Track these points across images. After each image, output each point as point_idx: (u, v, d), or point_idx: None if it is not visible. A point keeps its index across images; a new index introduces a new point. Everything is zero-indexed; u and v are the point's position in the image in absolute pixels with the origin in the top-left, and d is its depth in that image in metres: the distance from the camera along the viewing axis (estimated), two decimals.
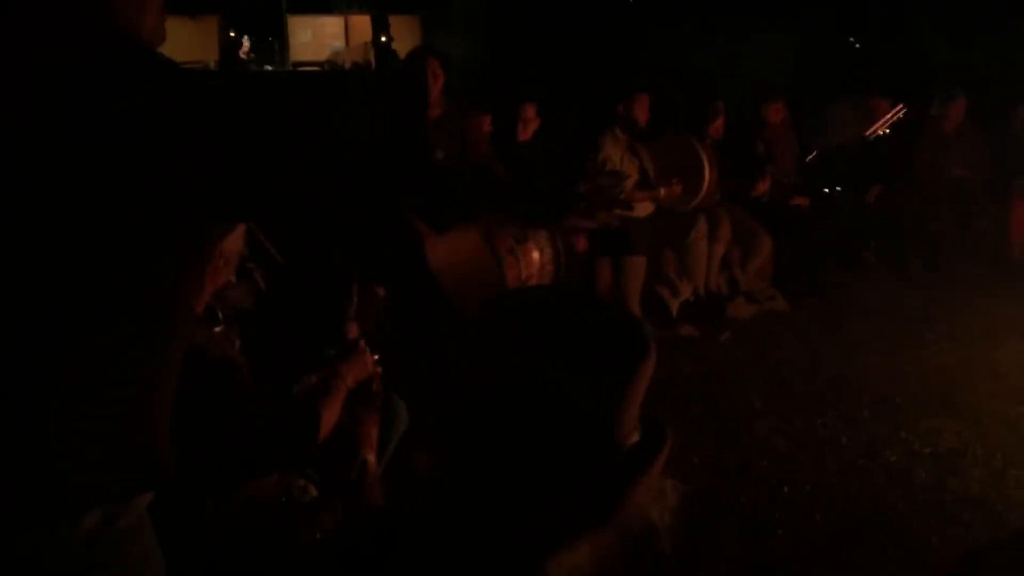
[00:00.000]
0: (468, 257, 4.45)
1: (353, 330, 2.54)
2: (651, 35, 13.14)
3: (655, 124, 5.66)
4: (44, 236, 1.11)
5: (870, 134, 6.09)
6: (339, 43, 26.01)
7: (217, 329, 2.05)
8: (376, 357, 2.47)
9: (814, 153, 6.59)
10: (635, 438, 0.98)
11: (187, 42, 24.35)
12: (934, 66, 8.26)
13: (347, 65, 22.02)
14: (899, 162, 6.70)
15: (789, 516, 3.34)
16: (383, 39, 22.07)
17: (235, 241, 2.01)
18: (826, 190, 6.57)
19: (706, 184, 5.39)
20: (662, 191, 5.39)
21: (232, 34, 25.24)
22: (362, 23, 24.73)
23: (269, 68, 23.93)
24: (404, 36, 22.79)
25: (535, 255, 4.53)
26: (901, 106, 5.54)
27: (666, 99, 5.99)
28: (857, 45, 16.43)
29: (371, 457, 2.62)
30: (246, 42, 18.28)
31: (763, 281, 5.97)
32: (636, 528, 1.04)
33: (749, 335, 5.35)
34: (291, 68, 23.99)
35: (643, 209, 5.33)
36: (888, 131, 6.50)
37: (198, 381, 1.92)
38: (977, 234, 6.89)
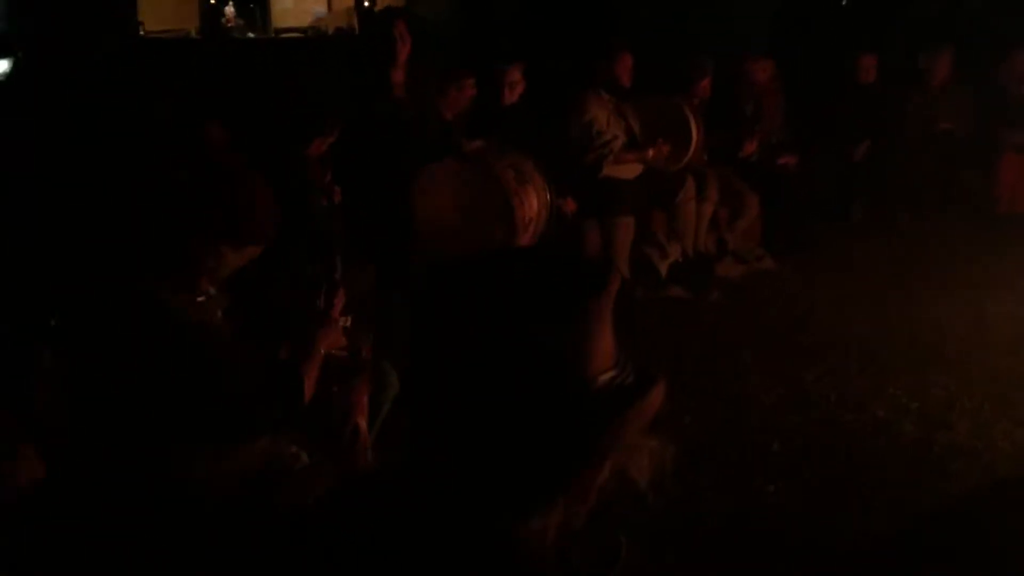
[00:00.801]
0: (477, 191, 4.44)
1: (336, 298, 2.54)
2: None
3: (639, 83, 5.62)
4: None
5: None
6: (321, 8, 25.66)
7: (200, 299, 2.05)
8: (347, 324, 2.49)
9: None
10: (611, 376, 0.95)
11: (168, 10, 24.04)
12: (920, 21, 8.19)
13: (330, 31, 21.75)
14: (886, 117, 6.68)
15: (780, 472, 3.38)
16: (366, 3, 21.83)
17: (239, 261, 2.05)
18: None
19: (693, 146, 5.36)
20: (650, 152, 5.36)
21: (213, 1, 24.92)
22: None
23: (252, 36, 23.66)
24: (388, 1, 22.56)
25: (534, 201, 4.53)
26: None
27: (649, 56, 5.94)
28: (843, 2, 16.27)
29: (362, 422, 2.63)
30: (230, 9, 18.00)
31: (751, 241, 5.97)
32: (613, 487, 1.03)
33: (738, 295, 5.36)
34: (273, 35, 23.72)
35: (631, 170, 5.30)
36: None
37: (181, 349, 1.94)
38: (963, 188, 6.91)
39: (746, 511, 3.19)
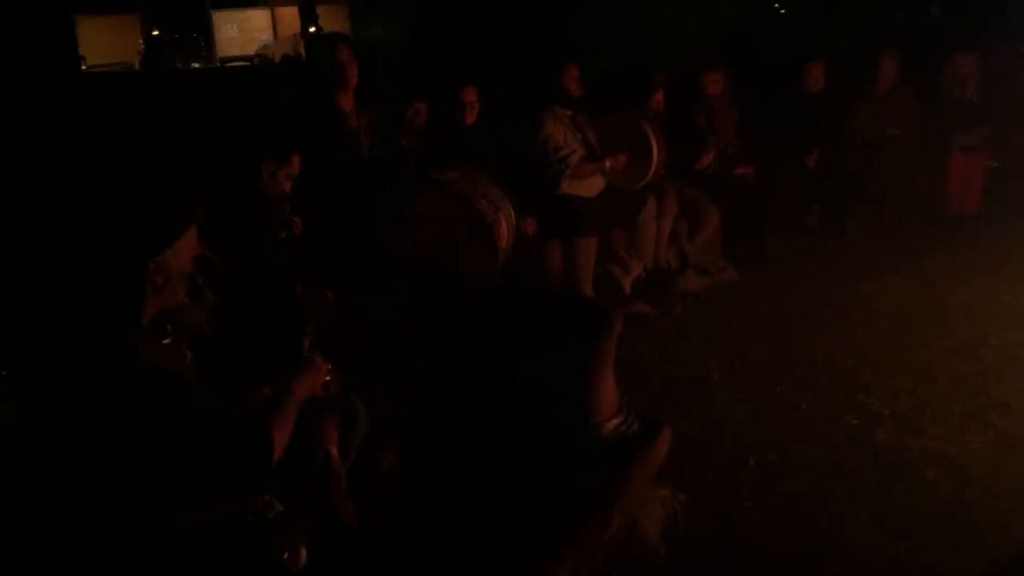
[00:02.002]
0: (456, 222, 4.41)
1: (305, 343, 2.47)
2: (582, 10, 13.09)
3: (592, 96, 5.61)
4: None
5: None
6: (267, 36, 25.59)
7: (165, 341, 1.95)
8: (329, 366, 2.40)
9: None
10: (616, 423, 0.92)
11: (108, 43, 23.75)
12: (863, 29, 8.35)
13: (277, 58, 21.68)
14: (836, 124, 6.76)
15: (757, 488, 3.34)
16: (312, 29, 21.76)
17: (179, 258, 1.92)
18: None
19: (655, 163, 5.36)
20: (607, 163, 5.34)
21: (155, 33, 24.68)
22: (289, 14, 24.36)
23: (196, 66, 23.45)
24: (334, 25, 22.49)
25: (505, 225, 4.51)
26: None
27: (600, 69, 5.95)
28: (782, 11, 16.59)
29: (333, 450, 2.55)
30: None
31: (712, 253, 5.98)
32: (622, 540, 0.99)
33: (702, 308, 5.36)
34: (219, 64, 23.54)
35: (592, 188, 5.28)
36: None
37: (148, 398, 1.84)
38: (914, 191, 7.01)
39: (725, 530, 3.15)
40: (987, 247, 6.14)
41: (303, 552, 2.01)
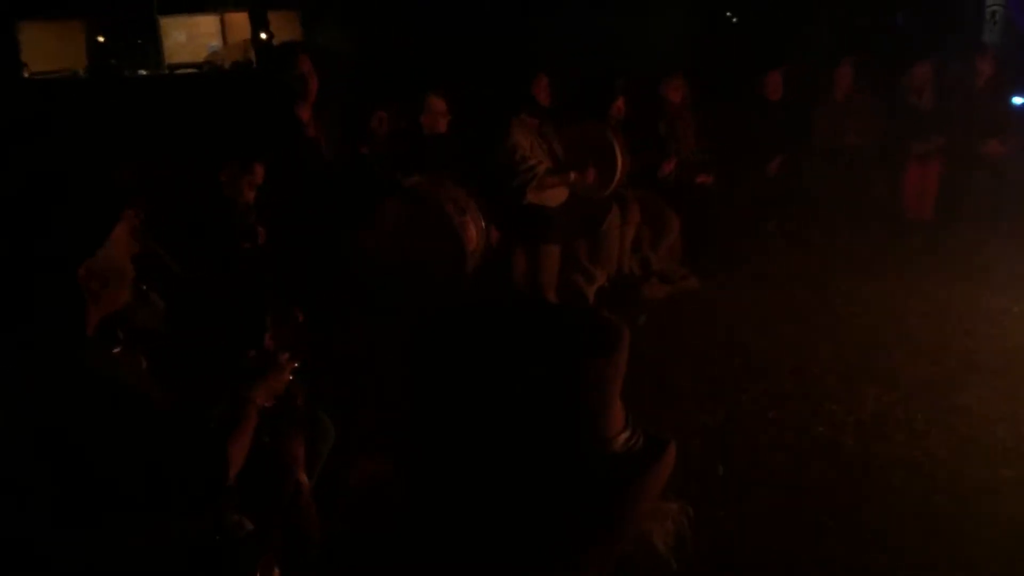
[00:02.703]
0: (424, 228, 4.36)
1: (268, 341, 2.37)
2: (541, 16, 13.12)
3: (558, 104, 5.60)
4: None
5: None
6: (216, 42, 25.29)
7: (116, 350, 1.86)
8: (294, 364, 2.30)
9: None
10: (625, 438, 0.90)
11: (52, 50, 23.27)
12: (820, 37, 8.45)
13: (227, 65, 21.41)
14: (795, 132, 6.82)
15: (727, 497, 3.32)
16: (263, 36, 21.54)
17: (114, 260, 1.82)
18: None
19: (619, 172, 5.35)
20: (572, 175, 5.32)
21: (101, 39, 24.23)
22: (239, 20, 24.09)
23: (143, 72, 23.07)
24: (285, 32, 22.29)
25: (472, 229, 4.47)
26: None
27: (564, 78, 5.94)
28: (734, 20, 16.79)
29: (302, 476, 2.48)
30: None
31: (674, 260, 5.99)
32: (635, 552, 0.97)
33: (665, 316, 5.34)
34: (167, 71, 23.20)
35: (557, 197, 5.25)
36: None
37: (100, 409, 1.74)
38: (872, 197, 7.09)
39: (696, 539, 3.12)
40: (943, 253, 6.23)
41: (276, 572, 1.94)
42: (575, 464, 0.87)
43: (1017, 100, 6.91)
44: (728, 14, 17.07)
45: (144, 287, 2.06)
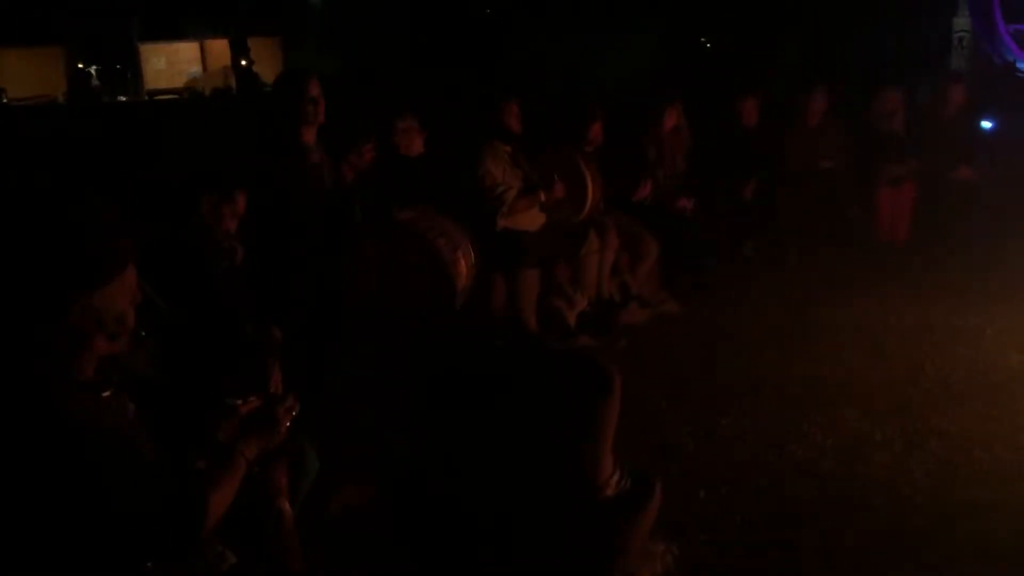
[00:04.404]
0: (415, 262, 4.38)
1: (275, 380, 2.37)
2: (512, 43, 13.23)
3: (530, 130, 5.64)
4: None
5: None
6: (196, 69, 25.26)
7: (105, 394, 1.85)
8: (291, 417, 2.29)
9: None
10: (616, 481, 0.92)
11: (31, 76, 23.19)
12: (793, 63, 8.57)
13: (207, 91, 21.39)
14: (770, 157, 6.90)
15: (708, 521, 3.33)
16: (243, 63, 21.54)
17: (113, 303, 1.82)
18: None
19: (590, 198, 5.40)
20: (541, 195, 5.36)
21: (80, 65, 24.17)
22: (219, 47, 24.10)
23: (123, 99, 23.01)
24: (265, 59, 22.30)
25: (463, 264, 4.49)
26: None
27: (537, 104, 5.99)
28: (708, 45, 16.98)
29: (285, 506, 2.47)
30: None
31: (653, 284, 6.02)
32: None
33: (645, 340, 5.37)
34: (146, 97, 23.15)
35: (534, 221, 5.29)
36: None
37: (86, 454, 1.73)
38: (846, 221, 7.18)
39: (677, 563, 3.13)
40: (918, 275, 6.32)
41: None
42: (569, 514, 0.89)
43: (985, 124, 7.04)
44: (703, 39, 17.28)
45: (143, 333, 2.06)
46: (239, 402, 2.27)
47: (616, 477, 0.85)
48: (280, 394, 2.34)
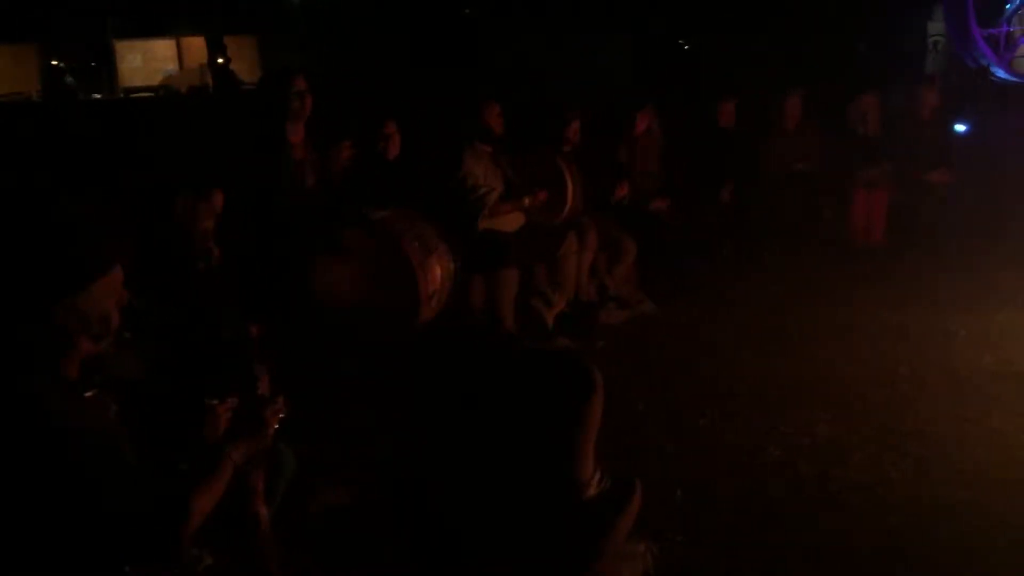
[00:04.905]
0: (383, 263, 4.36)
1: (263, 382, 2.35)
2: (492, 44, 13.23)
3: (511, 132, 5.64)
4: None
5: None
6: (172, 66, 25.09)
7: (88, 395, 1.84)
8: (278, 420, 2.27)
9: None
10: (596, 481, 0.93)
11: (5, 73, 22.93)
12: (770, 66, 8.63)
13: (183, 90, 21.23)
14: (747, 159, 6.94)
15: (686, 522, 3.34)
16: (220, 60, 21.42)
17: (98, 304, 1.80)
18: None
19: (570, 200, 5.41)
20: (525, 200, 5.38)
21: (54, 63, 23.93)
22: (196, 45, 23.94)
23: (97, 96, 22.82)
24: (242, 57, 22.18)
25: (438, 271, 4.47)
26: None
27: (517, 105, 5.99)
28: (686, 47, 17.07)
29: (261, 508, 2.46)
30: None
31: (631, 285, 6.04)
32: None
33: (623, 341, 5.39)
34: (122, 95, 22.96)
35: (512, 223, 5.29)
36: None
37: (69, 453, 1.71)
38: (822, 223, 7.24)
39: (656, 564, 3.14)
40: (893, 278, 6.37)
41: None
42: (552, 514, 0.89)
43: (959, 127, 7.12)
44: (680, 41, 17.36)
45: (128, 335, 2.04)
46: (215, 402, 2.25)
47: (597, 477, 0.86)
48: (267, 396, 2.32)
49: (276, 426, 2.24)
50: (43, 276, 1.75)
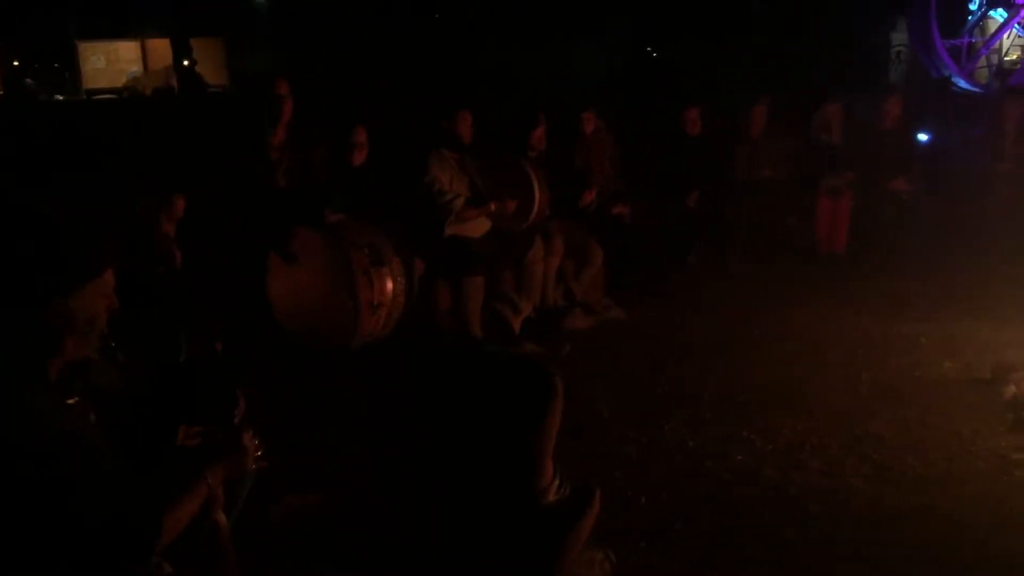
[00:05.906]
0: (328, 268, 4.32)
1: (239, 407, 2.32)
2: (464, 50, 13.23)
3: (480, 138, 5.63)
4: None
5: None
6: (136, 68, 24.81)
7: (71, 401, 1.82)
8: (258, 451, 2.25)
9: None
10: (555, 487, 0.92)
11: None
12: (736, 75, 8.71)
13: (148, 92, 20.98)
14: (713, 166, 6.99)
15: (649, 527, 3.34)
16: (186, 62, 21.23)
17: (88, 306, 1.78)
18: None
19: (537, 204, 5.41)
20: (492, 206, 5.37)
21: (16, 63, 23.59)
22: (161, 47, 23.68)
23: (60, 98, 22.51)
24: (208, 59, 21.98)
25: (389, 284, 4.44)
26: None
27: (487, 112, 5.99)
28: (654, 54, 17.20)
29: (220, 517, 2.42)
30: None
31: (597, 291, 6.05)
32: None
33: (589, 346, 5.40)
34: (85, 97, 22.67)
35: (479, 228, 5.28)
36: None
37: (43, 456, 1.68)
38: (787, 231, 7.31)
39: (619, 569, 3.14)
40: (856, 285, 6.44)
41: None
42: (510, 520, 0.89)
43: (921, 137, 7.22)
44: (648, 49, 17.48)
45: (113, 344, 2.02)
46: (187, 426, 2.23)
47: (556, 484, 0.85)
48: (245, 421, 2.31)
49: (257, 454, 2.22)
50: (37, 276, 1.74)
